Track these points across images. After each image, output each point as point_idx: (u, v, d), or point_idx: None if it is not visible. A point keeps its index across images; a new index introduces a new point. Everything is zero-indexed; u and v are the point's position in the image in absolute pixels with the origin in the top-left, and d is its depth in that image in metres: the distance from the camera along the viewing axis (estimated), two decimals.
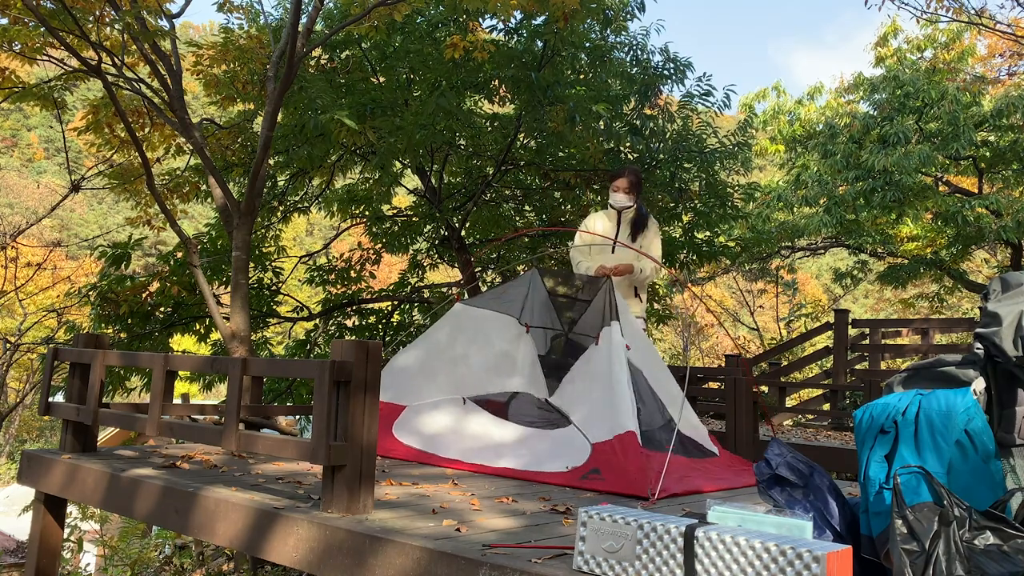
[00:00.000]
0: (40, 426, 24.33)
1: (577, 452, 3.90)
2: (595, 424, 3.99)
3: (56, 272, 18.98)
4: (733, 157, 8.48)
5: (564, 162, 8.56)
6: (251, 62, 7.42)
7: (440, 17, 7.85)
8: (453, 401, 4.63)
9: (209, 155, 6.17)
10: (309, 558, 2.73)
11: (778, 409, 9.18)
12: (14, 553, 11.73)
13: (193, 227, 20.88)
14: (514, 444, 4.16)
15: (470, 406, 4.57)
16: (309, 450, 2.87)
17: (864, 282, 16.07)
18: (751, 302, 18.41)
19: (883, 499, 2.20)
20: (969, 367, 2.42)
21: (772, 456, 2.44)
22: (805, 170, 12.16)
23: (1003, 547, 1.88)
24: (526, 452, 4.04)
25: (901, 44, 13.63)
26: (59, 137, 45.72)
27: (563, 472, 3.82)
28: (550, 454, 3.97)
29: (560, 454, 3.93)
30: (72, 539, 6.69)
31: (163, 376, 3.67)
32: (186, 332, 8.49)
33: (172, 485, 3.34)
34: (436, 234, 9.77)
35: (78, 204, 49.61)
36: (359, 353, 2.87)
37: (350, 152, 8.56)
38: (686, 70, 8.09)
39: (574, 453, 3.90)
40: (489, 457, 4.11)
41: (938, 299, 15.14)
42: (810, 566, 1.81)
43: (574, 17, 6.60)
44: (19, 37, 5.95)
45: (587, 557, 2.18)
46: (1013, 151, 11.34)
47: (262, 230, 9.28)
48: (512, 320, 4.90)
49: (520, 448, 4.10)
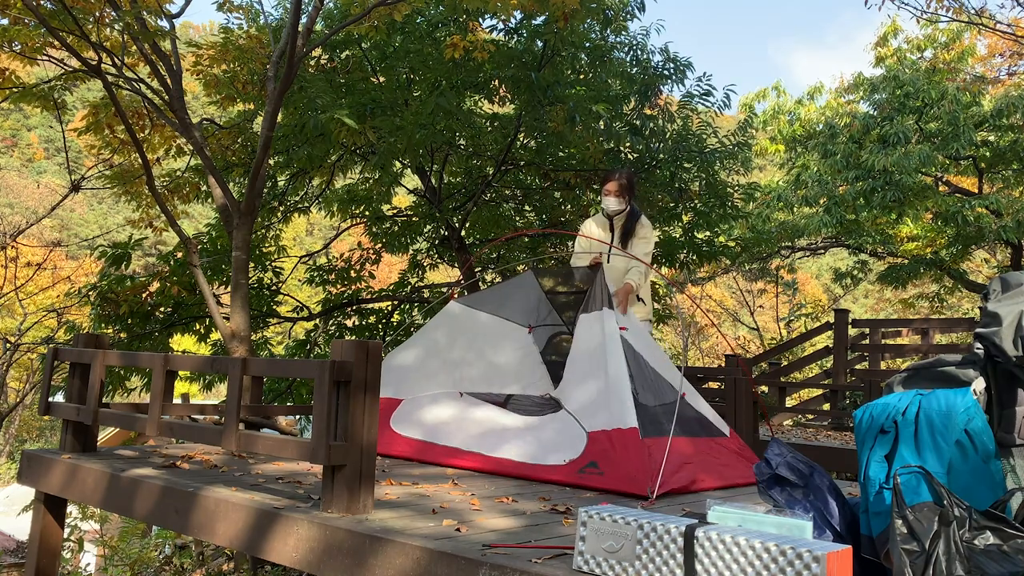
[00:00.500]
0: (40, 426, 24.32)
1: (574, 442, 3.89)
2: (591, 413, 3.96)
3: (56, 272, 18.98)
4: (733, 157, 8.49)
5: (564, 162, 8.57)
6: (251, 62, 7.42)
7: (440, 17, 7.85)
8: (451, 395, 4.63)
9: (209, 155, 6.17)
10: (309, 558, 2.73)
11: (778, 409, 9.18)
12: (14, 553, 11.73)
13: (193, 227, 20.87)
14: (514, 433, 4.14)
15: (469, 399, 4.57)
16: (309, 450, 2.87)
17: (864, 282, 16.08)
18: (751, 302, 18.40)
19: (883, 499, 2.21)
20: (969, 367, 2.42)
21: (772, 456, 2.44)
22: (805, 170, 12.16)
23: (1003, 547, 1.88)
24: (525, 442, 4.03)
25: (901, 44, 13.63)
26: (59, 137, 45.73)
27: (562, 465, 3.81)
28: (549, 445, 3.95)
29: (559, 445, 3.92)
30: (72, 539, 6.69)
31: (163, 376, 3.67)
32: (186, 332, 8.49)
33: (172, 485, 3.34)
34: (436, 234, 9.77)
35: (78, 204, 49.61)
36: (359, 353, 2.87)
37: (350, 152, 8.56)
38: (686, 70, 8.10)
39: (571, 443, 3.89)
40: (490, 445, 4.11)
41: (938, 299, 15.14)
42: (810, 566, 1.81)
43: (574, 17, 6.60)
44: (19, 37, 5.96)
45: (587, 557, 2.18)
46: (1013, 151, 11.34)
47: (262, 230, 9.28)
48: (513, 325, 4.89)
49: (519, 438, 4.08)
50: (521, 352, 4.82)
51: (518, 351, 4.82)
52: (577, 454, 3.81)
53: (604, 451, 3.74)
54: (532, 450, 3.96)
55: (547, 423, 4.14)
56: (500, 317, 4.91)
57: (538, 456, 3.91)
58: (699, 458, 3.92)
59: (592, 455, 3.77)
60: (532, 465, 3.88)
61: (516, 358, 4.79)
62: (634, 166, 8.22)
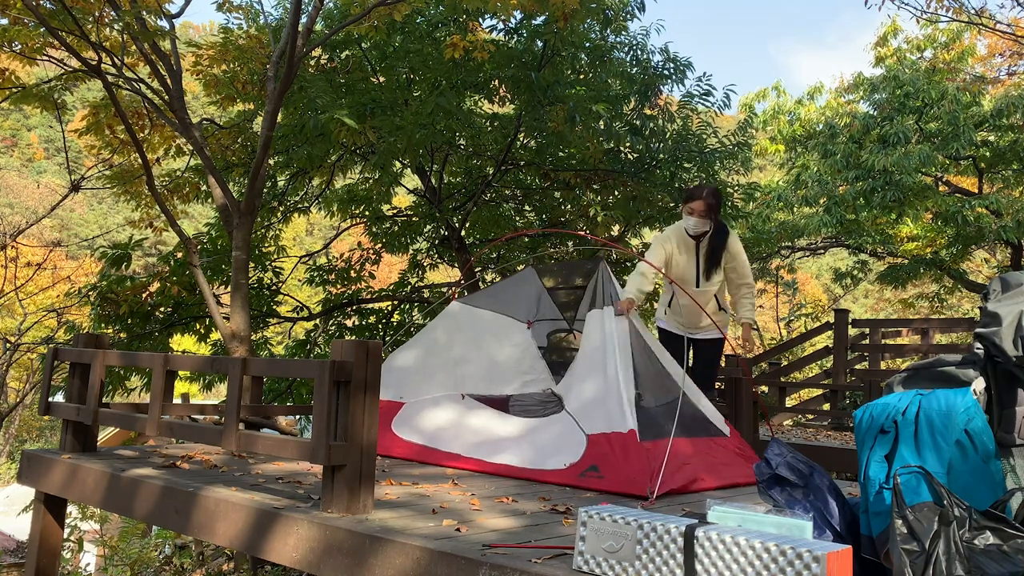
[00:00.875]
0: (40, 426, 24.32)
1: (574, 445, 3.88)
2: (590, 414, 3.95)
3: (56, 272, 18.98)
4: (733, 157, 8.49)
5: (564, 162, 8.57)
6: (251, 62, 7.42)
7: (440, 17, 7.85)
8: (452, 397, 4.63)
9: (209, 155, 6.17)
10: (309, 558, 2.73)
11: (778, 409, 9.17)
12: (14, 553, 11.73)
13: (193, 227, 20.87)
14: (514, 439, 4.14)
15: (469, 402, 4.56)
16: (309, 450, 2.87)
17: (864, 282, 16.07)
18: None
19: (883, 499, 2.20)
20: (969, 367, 2.42)
21: (772, 456, 2.44)
22: (805, 170, 12.16)
23: (1003, 547, 1.88)
24: (526, 447, 4.03)
25: (901, 44, 13.63)
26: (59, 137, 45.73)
27: (562, 470, 3.81)
28: (549, 449, 3.95)
29: (559, 448, 3.92)
30: (72, 539, 6.69)
31: (163, 376, 3.67)
32: (186, 332, 8.49)
33: (172, 485, 3.34)
34: (436, 234, 9.77)
35: (78, 204, 49.60)
36: (359, 353, 2.87)
37: (350, 152, 8.56)
38: (686, 70, 8.10)
39: (571, 447, 3.88)
40: (490, 452, 4.10)
41: (938, 299, 15.14)
42: (810, 566, 1.81)
43: (574, 17, 6.60)
44: (19, 37, 5.96)
45: (587, 557, 2.18)
46: (1013, 151, 11.33)
47: (262, 230, 9.28)
48: (512, 321, 4.89)
49: (520, 443, 4.08)
50: (520, 348, 4.82)
51: (517, 347, 4.82)
52: (577, 458, 3.81)
53: (604, 454, 3.73)
54: (530, 456, 3.96)
55: (546, 426, 4.14)
56: (499, 313, 4.91)
57: (537, 461, 3.91)
58: (699, 458, 3.91)
59: (592, 458, 3.76)
60: (532, 470, 3.89)
61: (515, 354, 4.79)
62: (634, 166, 8.22)
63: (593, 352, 4.19)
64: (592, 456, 3.77)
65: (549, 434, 4.06)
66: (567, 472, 3.79)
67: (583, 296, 4.74)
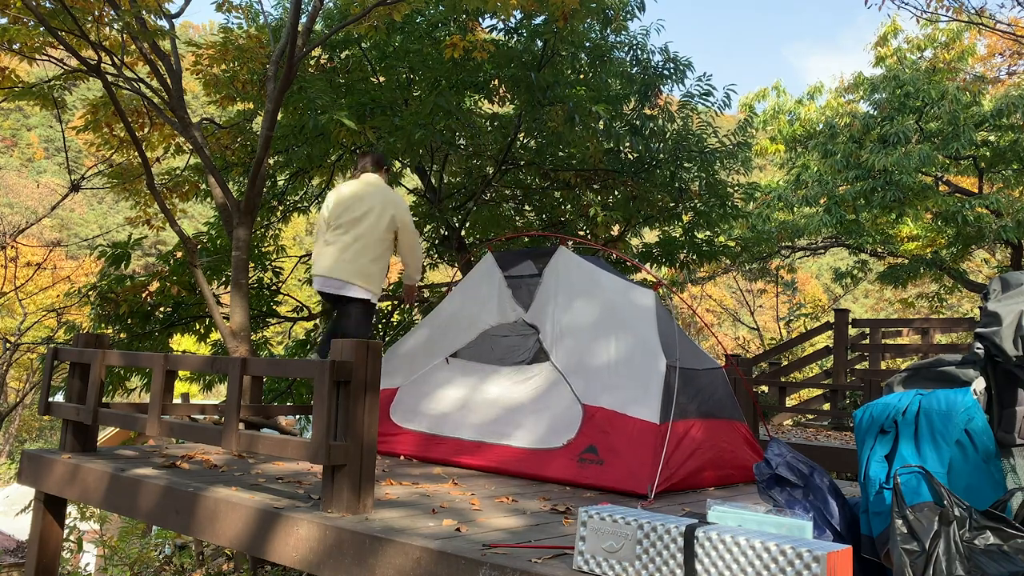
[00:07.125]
0: (40, 426, 24.32)
1: (571, 420, 3.90)
2: (591, 384, 3.95)
3: (56, 272, 18.99)
4: (733, 157, 8.49)
5: (564, 162, 8.56)
6: (251, 62, 7.42)
7: (440, 17, 7.84)
8: (438, 367, 4.66)
9: (209, 154, 6.17)
10: (309, 558, 2.72)
11: (778, 409, 9.18)
12: (14, 553, 11.73)
13: (193, 227, 20.88)
14: (514, 415, 4.16)
15: (455, 366, 4.58)
16: (310, 450, 2.87)
17: (864, 282, 16.07)
18: (751, 302, 18.39)
19: (883, 499, 2.21)
20: (969, 367, 2.42)
21: (772, 456, 2.44)
22: (805, 170, 12.16)
23: (1003, 547, 1.88)
24: (526, 427, 4.06)
25: (901, 44, 13.63)
26: (59, 137, 45.73)
27: (561, 448, 3.82)
28: (549, 428, 3.98)
29: (557, 427, 3.95)
30: (72, 539, 6.69)
31: (163, 376, 3.67)
32: (186, 332, 8.48)
33: (172, 485, 3.34)
34: (436, 234, 9.76)
35: (78, 204, 49.60)
36: (359, 353, 2.87)
37: (350, 152, 8.56)
38: (686, 70, 8.10)
39: (569, 421, 3.91)
40: (495, 431, 4.15)
41: (938, 299, 15.14)
42: (810, 566, 1.81)
43: (574, 17, 6.60)
44: (19, 37, 5.95)
45: (587, 557, 2.18)
46: (1013, 151, 11.33)
47: (262, 230, 9.28)
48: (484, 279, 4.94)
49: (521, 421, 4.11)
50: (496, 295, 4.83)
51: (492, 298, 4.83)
52: (574, 433, 3.82)
53: (603, 433, 3.72)
54: (532, 437, 3.98)
55: (547, 407, 4.12)
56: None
57: (537, 442, 3.93)
58: (709, 444, 3.90)
59: (589, 436, 3.76)
60: (532, 450, 3.89)
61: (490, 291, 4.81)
62: (634, 166, 8.22)
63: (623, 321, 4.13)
64: (589, 433, 3.77)
65: (548, 414, 4.06)
66: (566, 450, 3.79)
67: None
